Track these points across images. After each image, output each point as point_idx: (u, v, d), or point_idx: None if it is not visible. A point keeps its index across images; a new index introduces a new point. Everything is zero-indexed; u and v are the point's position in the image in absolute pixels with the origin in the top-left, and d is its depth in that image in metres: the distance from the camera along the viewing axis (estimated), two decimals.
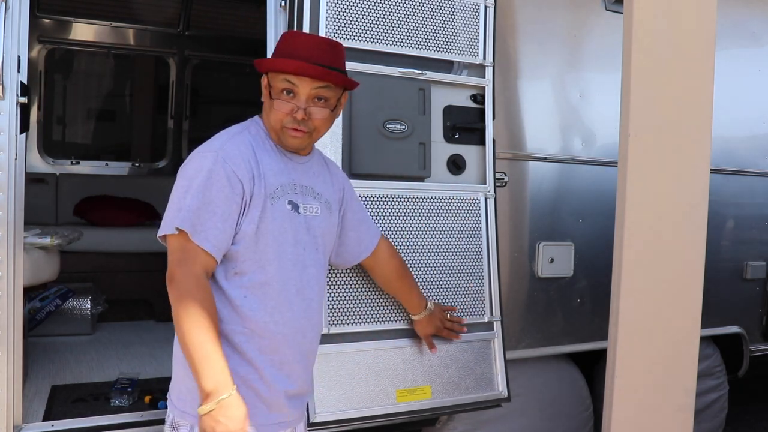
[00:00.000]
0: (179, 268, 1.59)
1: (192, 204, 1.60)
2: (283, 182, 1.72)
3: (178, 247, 1.60)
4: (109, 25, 5.00)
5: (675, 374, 2.05)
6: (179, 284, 1.57)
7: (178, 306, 1.56)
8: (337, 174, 1.97)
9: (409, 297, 2.28)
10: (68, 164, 5.04)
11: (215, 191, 1.61)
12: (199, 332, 1.54)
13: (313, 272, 1.79)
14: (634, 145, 1.91)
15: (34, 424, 2.28)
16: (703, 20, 2.02)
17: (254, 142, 1.72)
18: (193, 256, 1.59)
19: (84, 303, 3.56)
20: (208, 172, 1.61)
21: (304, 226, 1.76)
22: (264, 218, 1.66)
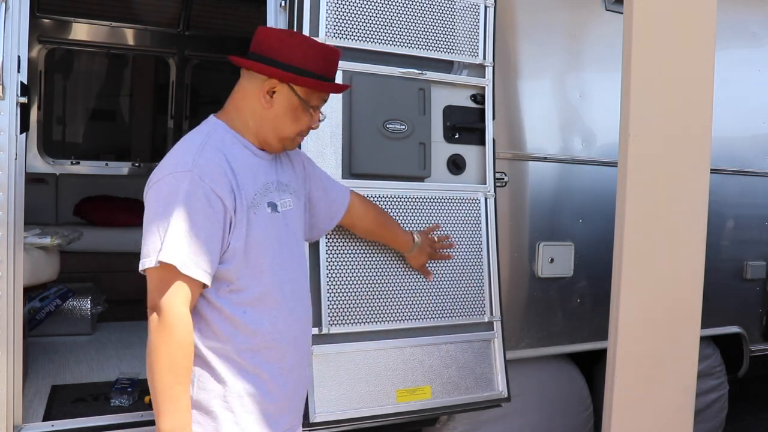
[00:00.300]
0: (164, 301, 1.52)
1: (175, 233, 1.51)
2: (259, 186, 1.67)
3: (162, 278, 1.53)
4: (109, 25, 5.01)
5: (675, 374, 2.05)
6: (164, 318, 1.51)
7: (158, 340, 1.51)
8: (295, 155, 1.90)
9: (395, 239, 2.29)
10: (68, 164, 5.05)
11: (196, 215, 1.53)
12: (172, 373, 1.51)
13: (299, 267, 1.78)
14: (634, 145, 1.91)
15: (34, 424, 2.28)
16: (703, 20, 2.02)
17: (224, 149, 1.62)
18: (178, 289, 1.52)
19: (84, 303, 3.56)
20: (186, 194, 1.52)
21: (284, 223, 1.72)
22: (251, 230, 1.61)
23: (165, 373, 1.51)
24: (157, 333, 1.51)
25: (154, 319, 1.53)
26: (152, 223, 1.54)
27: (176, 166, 1.57)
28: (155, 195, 1.56)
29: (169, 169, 1.57)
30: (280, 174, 1.77)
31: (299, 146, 1.98)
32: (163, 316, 1.51)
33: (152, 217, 1.54)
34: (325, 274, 2.25)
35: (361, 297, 2.30)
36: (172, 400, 1.51)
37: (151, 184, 1.58)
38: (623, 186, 1.92)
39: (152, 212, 1.55)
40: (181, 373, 1.53)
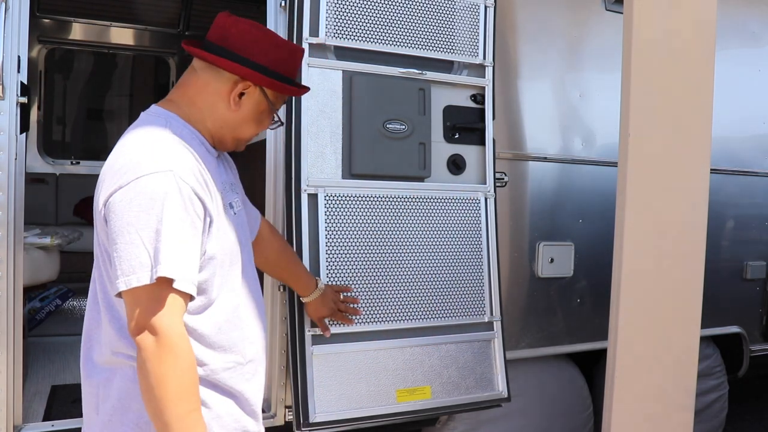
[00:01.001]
0: (161, 320, 1.31)
1: (169, 243, 1.31)
2: (220, 185, 1.53)
3: (156, 296, 1.32)
4: (109, 25, 5.01)
5: (675, 374, 2.04)
6: (165, 341, 1.31)
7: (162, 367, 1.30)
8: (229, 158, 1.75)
9: (296, 276, 2.09)
10: (68, 164, 5.05)
11: (182, 221, 1.34)
12: (185, 400, 1.32)
13: (255, 270, 1.67)
14: (634, 145, 1.91)
15: (34, 424, 2.28)
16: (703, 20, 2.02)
17: (189, 145, 1.46)
18: (172, 304, 1.33)
19: (84, 303, 3.56)
20: (170, 198, 1.33)
21: (240, 224, 1.60)
22: (223, 234, 1.47)
23: (177, 402, 1.30)
24: (158, 360, 1.30)
25: (149, 345, 1.30)
26: (131, 232, 1.31)
27: (151, 165, 1.35)
28: (130, 199, 1.33)
29: (143, 169, 1.34)
30: (228, 173, 1.65)
31: None
32: (163, 338, 1.30)
33: (130, 225, 1.32)
34: (325, 274, 2.25)
35: (361, 297, 2.30)
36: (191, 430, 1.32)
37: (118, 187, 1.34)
38: (623, 186, 1.92)
39: (129, 219, 1.32)
40: (194, 399, 1.34)
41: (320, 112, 2.29)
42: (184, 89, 1.55)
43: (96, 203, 1.43)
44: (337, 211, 2.29)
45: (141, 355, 1.32)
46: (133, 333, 1.33)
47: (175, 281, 1.32)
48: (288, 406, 2.39)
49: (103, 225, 1.40)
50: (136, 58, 5.38)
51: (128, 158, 1.38)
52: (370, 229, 2.33)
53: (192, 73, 1.55)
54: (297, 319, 2.22)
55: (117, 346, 1.44)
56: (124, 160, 1.39)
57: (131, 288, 1.31)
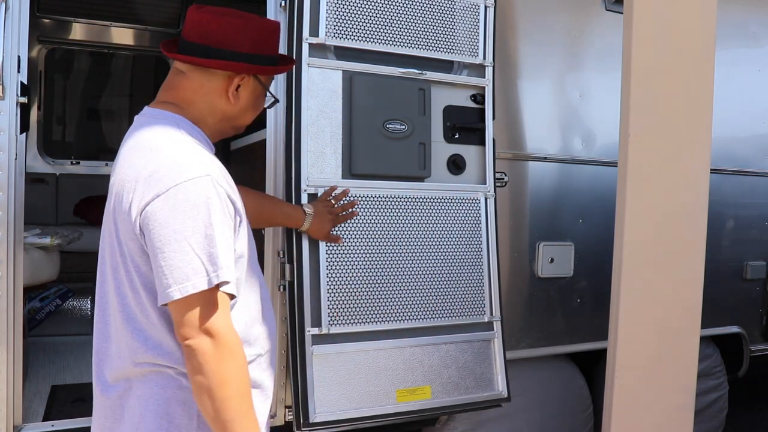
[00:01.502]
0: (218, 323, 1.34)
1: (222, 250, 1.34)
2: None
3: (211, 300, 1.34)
4: (109, 25, 5.01)
5: (675, 374, 2.05)
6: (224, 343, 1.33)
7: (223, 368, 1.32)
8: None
9: (285, 215, 2.13)
10: (68, 164, 5.05)
11: (222, 224, 1.36)
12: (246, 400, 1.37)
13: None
14: (634, 145, 1.91)
15: (34, 424, 2.28)
16: (703, 20, 2.02)
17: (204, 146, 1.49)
18: (224, 307, 1.36)
19: (84, 303, 3.57)
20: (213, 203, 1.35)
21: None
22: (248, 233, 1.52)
23: (240, 400, 1.35)
24: (219, 361, 1.32)
25: (208, 348, 1.32)
26: (179, 239, 1.31)
27: (187, 170, 1.35)
28: (174, 205, 1.32)
29: (178, 175, 1.34)
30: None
31: None
32: (221, 340, 1.33)
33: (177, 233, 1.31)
34: (325, 274, 2.25)
35: (361, 297, 2.30)
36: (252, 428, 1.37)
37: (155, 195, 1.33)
38: (623, 186, 1.92)
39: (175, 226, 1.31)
40: (250, 398, 1.39)
41: (320, 112, 2.29)
42: (176, 92, 1.53)
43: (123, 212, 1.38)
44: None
45: (197, 359, 1.33)
46: (186, 337, 1.33)
47: (228, 284, 1.35)
48: (288, 406, 2.39)
49: (133, 235, 1.37)
50: (136, 58, 5.37)
51: (160, 164, 1.37)
52: (370, 229, 2.33)
53: (179, 74, 1.53)
54: (297, 319, 2.22)
55: (142, 356, 1.43)
56: (154, 166, 1.37)
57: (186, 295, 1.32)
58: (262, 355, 1.57)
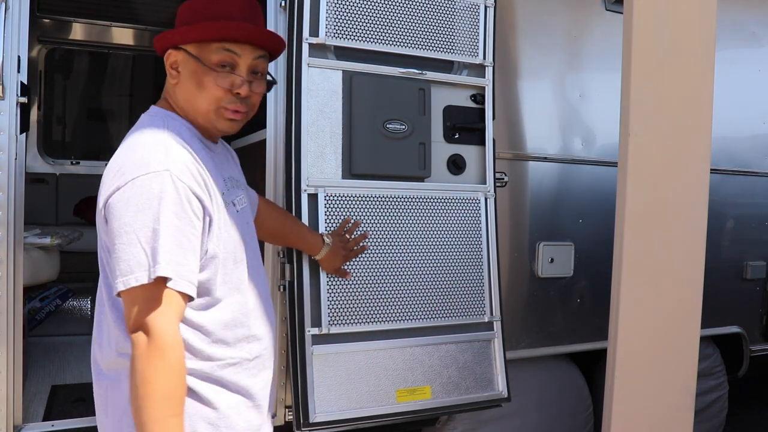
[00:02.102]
0: (154, 320, 1.31)
1: (166, 243, 1.31)
2: (221, 182, 1.49)
3: (151, 295, 1.32)
4: (109, 25, 5.01)
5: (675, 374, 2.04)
6: (156, 341, 1.30)
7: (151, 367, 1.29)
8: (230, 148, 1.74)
9: (303, 239, 2.12)
10: (68, 164, 5.05)
11: (180, 220, 1.33)
12: (168, 404, 1.30)
13: (262, 268, 1.65)
14: (634, 145, 1.91)
15: (34, 424, 2.28)
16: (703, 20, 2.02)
17: (185, 144, 1.43)
18: (167, 304, 1.32)
19: (84, 303, 3.57)
20: (166, 197, 1.32)
21: (244, 222, 1.57)
22: (227, 233, 1.46)
23: (160, 404, 1.29)
24: (148, 359, 1.29)
25: (142, 343, 1.30)
26: (128, 232, 1.31)
27: (148, 165, 1.34)
28: (127, 199, 1.33)
29: (139, 169, 1.34)
30: (230, 168, 1.62)
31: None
32: (155, 338, 1.30)
33: (128, 226, 1.32)
34: (324, 274, 2.25)
35: (361, 297, 2.30)
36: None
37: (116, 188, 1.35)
38: (623, 186, 1.92)
39: (127, 219, 1.32)
40: (177, 404, 1.32)
41: (320, 112, 2.29)
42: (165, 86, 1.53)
43: (98, 205, 1.43)
44: (337, 211, 2.29)
45: (133, 353, 1.32)
46: (130, 331, 1.33)
47: (172, 281, 1.32)
48: (288, 406, 2.39)
49: (104, 226, 1.40)
50: (136, 58, 5.37)
51: (125, 159, 1.38)
52: (370, 229, 2.33)
53: None
54: (297, 319, 2.22)
55: (123, 346, 1.43)
56: (122, 161, 1.38)
57: (129, 288, 1.32)
58: (248, 360, 1.53)
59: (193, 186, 1.37)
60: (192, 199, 1.36)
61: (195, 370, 1.44)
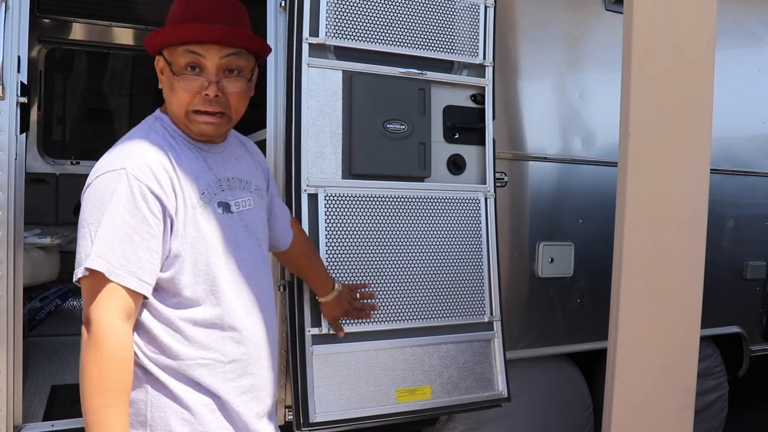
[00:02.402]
0: (93, 311, 1.34)
1: (105, 237, 1.34)
2: (208, 183, 1.49)
3: (91, 288, 1.36)
4: (109, 25, 5.00)
5: (675, 374, 2.04)
6: (92, 332, 1.34)
7: (86, 356, 1.33)
8: (257, 153, 1.74)
9: (316, 277, 2.11)
10: (68, 164, 5.04)
11: (131, 217, 1.36)
12: (102, 394, 1.32)
13: (262, 273, 1.61)
14: (634, 145, 1.90)
15: (34, 424, 2.28)
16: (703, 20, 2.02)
17: (164, 144, 1.46)
18: (108, 297, 1.35)
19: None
20: (119, 194, 1.36)
21: (241, 225, 1.55)
22: (198, 234, 1.44)
23: (94, 393, 1.31)
24: (85, 348, 1.34)
25: (83, 334, 1.35)
26: (84, 227, 1.37)
27: (110, 164, 1.40)
28: (88, 197, 1.39)
29: (103, 168, 1.40)
30: (236, 169, 1.59)
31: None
32: (91, 329, 1.33)
33: (84, 221, 1.38)
34: None
35: (360, 297, 2.30)
36: (101, 425, 1.31)
37: (86, 186, 1.41)
38: (623, 186, 1.92)
39: (85, 215, 1.38)
40: (113, 395, 1.32)
41: (320, 112, 2.29)
42: None
43: None
44: (337, 211, 2.29)
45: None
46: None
47: (106, 273, 1.34)
48: (288, 406, 2.39)
49: None
50: (136, 58, 5.37)
51: (101, 159, 1.44)
52: (370, 229, 2.33)
53: None
54: (297, 319, 2.22)
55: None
56: (98, 162, 1.45)
57: (77, 280, 1.38)
58: (223, 363, 1.50)
59: (151, 184, 1.39)
60: (149, 197, 1.38)
61: (166, 366, 1.45)
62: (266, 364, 1.60)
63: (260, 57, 1.55)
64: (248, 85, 1.50)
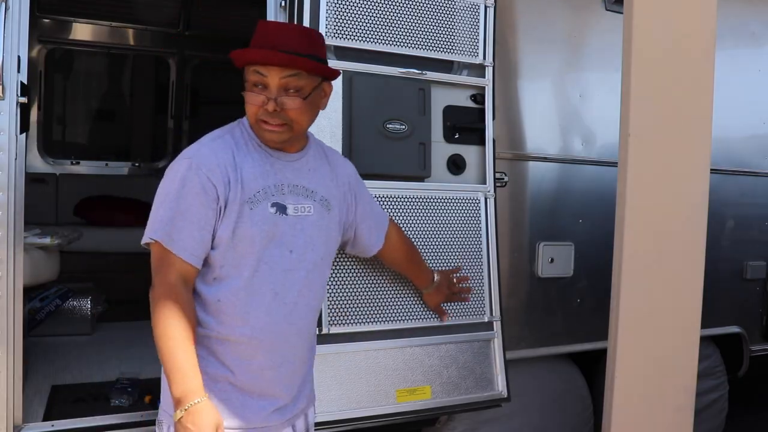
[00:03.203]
0: (156, 276, 1.60)
1: (166, 214, 1.60)
2: (267, 185, 1.67)
3: (156, 255, 1.61)
4: (109, 25, 5.00)
5: (675, 374, 2.04)
6: (155, 291, 1.58)
7: (153, 312, 1.57)
8: (341, 166, 1.91)
9: (418, 276, 2.31)
10: (68, 164, 5.04)
11: (189, 199, 1.60)
12: (170, 340, 1.54)
13: (301, 275, 1.73)
14: (634, 145, 1.91)
15: (34, 424, 2.28)
16: (703, 20, 2.02)
17: (236, 145, 1.68)
18: (168, 264, 1.59)
19: (84, 303, 3.56)
20: (182, 179, 1.61)
21: (295, 227, 1.71)
22: (241, 223, 1.63)
23: (164, 342, 1.54)
24: (152, 306, 1.57)
25: (150, 293, 1.59)
26: (154, 204, 1.64)
27: (184, 153, 1.67)
28: (163, 179, 1.66)
29: (180, 155, 1.67)
30: (307, 179, 1.76)
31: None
32: (154, 289, 1.58)
33: (156, 199, 1.65)
34: None
35: (361, 297, 2.30)
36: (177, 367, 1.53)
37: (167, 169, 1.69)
38: (623, 186, 1.92)
39: (157, 194, 1.65)
40: (179, 340, 1.53)
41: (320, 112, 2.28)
42: None
43: None
44: None
45: None
46: None
47: (162, 242, 1.58)
48: None
49: None
50: (136, 58, 5.38)
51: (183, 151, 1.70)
52: None
53: None
54: None
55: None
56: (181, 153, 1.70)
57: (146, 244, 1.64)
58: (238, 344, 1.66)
59: (210, 174, 1.60)
60: (206, 184, 1.60)
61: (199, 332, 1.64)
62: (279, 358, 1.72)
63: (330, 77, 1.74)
64: (305, 103, 1.66)
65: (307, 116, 1.69)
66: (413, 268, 2.28)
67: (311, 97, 1.67)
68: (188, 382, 1.52)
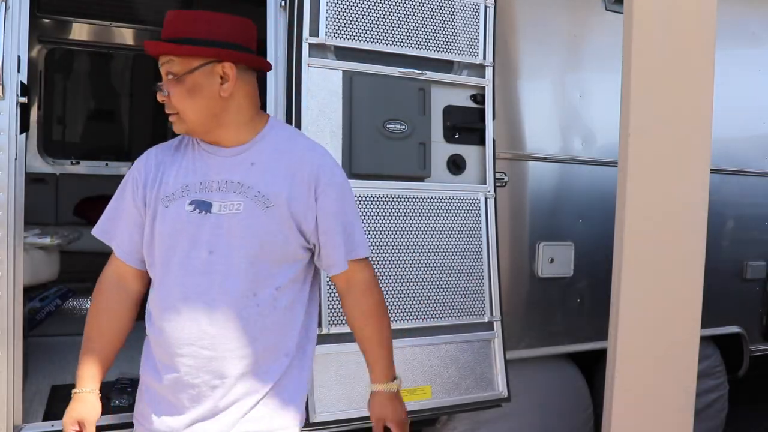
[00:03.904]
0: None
1: (107, 213, 1.72)
2: (189, 182, 1.58)
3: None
4: (109, 25, 5.00)
5: (675, 374, 2.04)
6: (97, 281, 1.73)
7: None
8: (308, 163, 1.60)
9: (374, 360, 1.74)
10: (68, 164, 5.04)
11: (125, 197, 1.68)
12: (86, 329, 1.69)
13: (216, 278, 1.55)
14: (634, 145, 1.90)
15: (34, 424, 2.28)
16: (703, 20, 2.02)
17: (179, 145, 1.69)
18: (109, 260, 1.73)
19: (84, 303, 3.56)
20: (125, 179, 1.70)
21: (220, 226, 1.55)
22: (156, 222, 1.62)
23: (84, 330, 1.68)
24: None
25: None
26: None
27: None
28: None
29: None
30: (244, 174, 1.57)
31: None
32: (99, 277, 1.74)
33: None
34: (324, 273, 2.24)
35: None
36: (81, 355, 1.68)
37: None
38: (623, 186, 1.92)
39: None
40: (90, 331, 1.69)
41: (320, 112, 2.29)
42: None
43: None
44: None
45: None
46: None
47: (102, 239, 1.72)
48: None
49: None
50: (136, 58, 5.37)
51: None
52: (370, 229, 2.33)
53: None
54: None
55: None
56: None
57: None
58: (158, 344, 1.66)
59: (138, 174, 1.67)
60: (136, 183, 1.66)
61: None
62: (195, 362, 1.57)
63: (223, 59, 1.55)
64: (181, 87, 1.54)
65: (190, 103, 1.53)
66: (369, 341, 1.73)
67: (187, 83, 1.52)
68: (81, 371, 1.65)
